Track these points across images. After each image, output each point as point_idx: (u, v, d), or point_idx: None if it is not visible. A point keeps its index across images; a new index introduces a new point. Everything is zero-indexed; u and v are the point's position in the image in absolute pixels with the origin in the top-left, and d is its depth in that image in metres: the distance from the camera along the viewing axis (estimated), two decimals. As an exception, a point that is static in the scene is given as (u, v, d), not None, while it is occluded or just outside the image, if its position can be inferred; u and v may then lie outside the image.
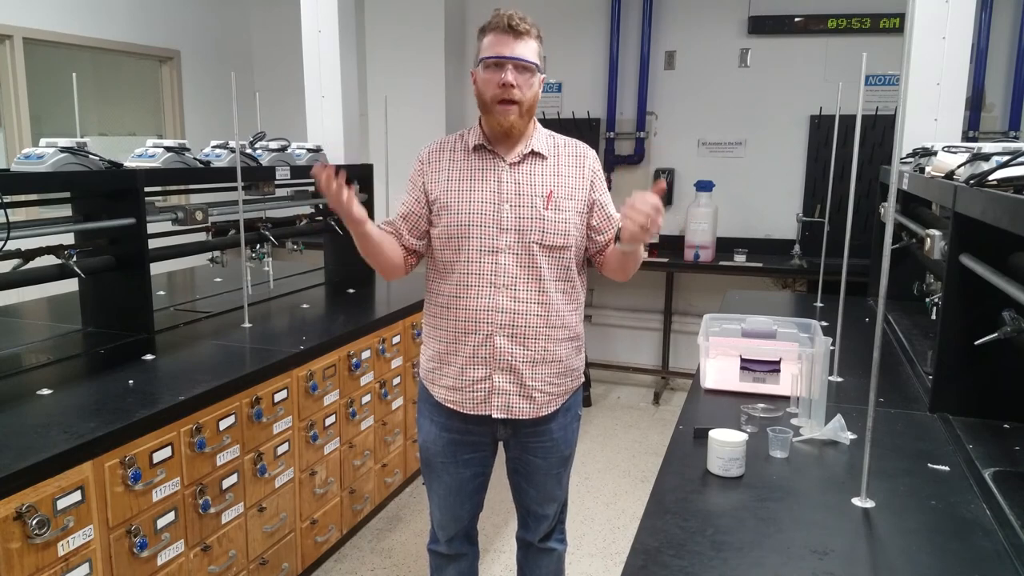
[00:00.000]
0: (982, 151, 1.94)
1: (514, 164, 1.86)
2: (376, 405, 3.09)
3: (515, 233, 1.83)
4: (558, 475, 2.06)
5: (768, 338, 2.23)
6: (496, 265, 1.84)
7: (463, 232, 1.84)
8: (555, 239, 1.85)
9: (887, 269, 1.43)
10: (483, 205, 1.84)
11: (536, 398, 1.91)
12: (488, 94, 1.80)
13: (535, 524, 2.14)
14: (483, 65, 1.80)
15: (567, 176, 1.89)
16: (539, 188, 1.86)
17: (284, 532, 2.56)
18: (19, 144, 4.26)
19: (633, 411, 4.82)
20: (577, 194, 1.89)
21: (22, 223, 2.30)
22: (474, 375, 1.88)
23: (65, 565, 1.70)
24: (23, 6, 4.26)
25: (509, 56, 1.76)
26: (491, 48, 1.78)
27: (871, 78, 4.55)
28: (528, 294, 1.85)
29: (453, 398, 1.92)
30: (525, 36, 1.78)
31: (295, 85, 4.00)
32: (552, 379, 1.92)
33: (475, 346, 1.87)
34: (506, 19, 1.76)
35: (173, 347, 2.57)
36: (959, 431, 1.86)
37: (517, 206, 1.84)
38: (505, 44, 1.77)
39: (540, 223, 1.84)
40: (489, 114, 1.82)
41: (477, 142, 1.88)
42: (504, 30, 1.77)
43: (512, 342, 1.86)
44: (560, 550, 2.20)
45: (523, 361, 1.87)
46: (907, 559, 1.31)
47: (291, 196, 3.62)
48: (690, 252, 4.72)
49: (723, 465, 1.60)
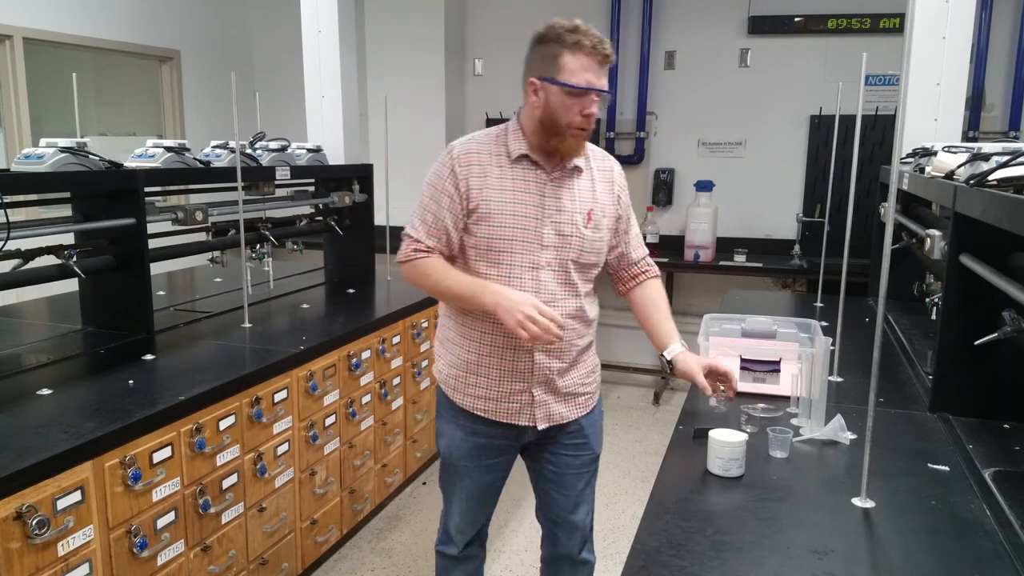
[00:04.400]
0: (982, 151, 1.94)
1: (555, 178, 1.80)
2: (376, 405, 3.09)
3: (554, 251, 1.79)
4: (588, 476, 2.03)
5: (768, 338, 2.23)
6: (537, 282, 1.79)
7: (504, 247, 1.77)
8: (591, 257, 1.85)
9: (887, 269, 1.43)
10: (525, 220, 1.77)
11: (574, 401, 1.92)
12: (566, 119, 1.70)
13: (567, 535, 2.06)
14: (568, 91, 1.68)
15: (601, 192, 1.86)
16: (579, 204, 1.82)
17: (284, 532, 2.56)
18: (19, 144, 4.26)
19: (633, 411, 4.82)
20: (609, 210, 1.87)
21: (22, 223, 2.30)
22: (511, 388, 1.85)
23: (65, 565, 1.70)
24: (23, 6, 4.26)
25: (602, 89, 1.69)
26: (583, 75, 1.67)
27: (871, 78, 4.55)
28: (567, 309, 1.82)
29: (486, 407, 1.88)
30: (609, 64, 1.71)
31: (295, 85, 4.00)
32: (583, 380, 1.94)
33: (514, 360, 1.83)
34: (603, 48, 1.67)
35: (173, 347, 2.57)
36: (959, 431, 1.86)
37: (558, 223, 1.79)
38: (596, 74, 1.68)
39: (579, 241, 1.81)
40: (559, 137, 1.73)
41: (521, 151, 1.78)
42: (599, 60, 1.68)
43: (551, 357, 1.84)
44: (593, 562, 2.13)
45: (558, 373, 1.87)
46: (907, 559, 1.31)
47: (291, 196, 3.63)
48: (690, 252, 4.72)
49: (723, 465, 1.60)
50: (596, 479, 2.08)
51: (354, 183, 3.78)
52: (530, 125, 1.78)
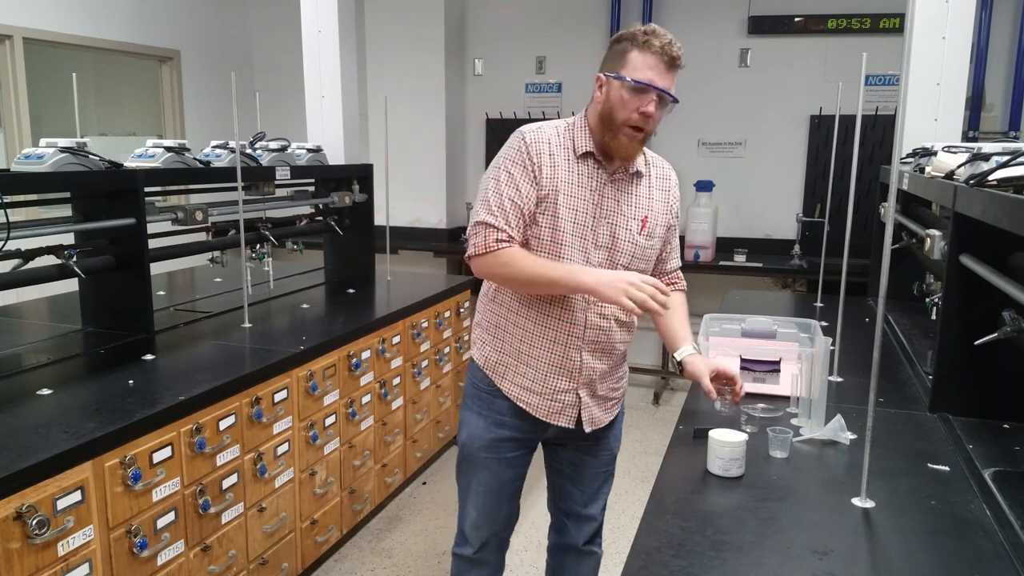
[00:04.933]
0: (982, 151, 1.93)
1: (615, 180, 1.80)
2: (376, 405, 3.09)
3: (607, 252, 1.80)
4: (606, 473, 2.06)
5: (768, 338, 2.23)
6: None
7: (562, 239, 1.76)
8: (640, 264, 1.84)
9: (887, 269, 1.43)
10: (584, 216, 1.77)
11: (607, 405, 1.95)
12: (622, 116, 1.70)
13: (577, 527, 2.09)
14: (630, 86, 1.68)
15: (658, 200, 1.87)
16: (635, 210, 1.82)
17: (284, 532, 2.56)
18: (19, 144, 4.26)
19: (633, 411, 4.81)
20: (662, 219, 1.88)
21: (22, 223, 2.30)
22: (558, 385, 1.85)
23: (65, 565, 1.70)
24: (23, 6, 4.27)
25: (662, 89, 1.69)
26: (644, 71, 1.67)
27: (871, 78, 4.56)
28: (614, 313, 1.83)
29: (529, 400, 1.87)
30: (678, 70, 1.71)
31: (295, 85, 4.00)
32: (615, 384, 1.97)
33: (564, 357, 1.83)
34: (669, 47, 1.68)
35: (173, 347, 2.57)
36: (959, 431, 1.86)
37: (613, 225, 1.79)
38: (659, 73, 1.68)
39: (631, 247, 1.81)
40: (612, 133, 1.73)
41: (586, 148, 1.78)
42: (667, 61, 1.68)
43: (595, 358, 1.86)
44: (600, 554, 2.16)
45: (600, 375, 1.89)
46: (907, 559, 1.31)
47: (291, 196, 3.62)
48: (690, 252, 4.72)
49: (723, 465, 1.60)
50: (613, 477, 2.11)
51: (354, 183, 3.78)
52: (594, 121, 1.78)
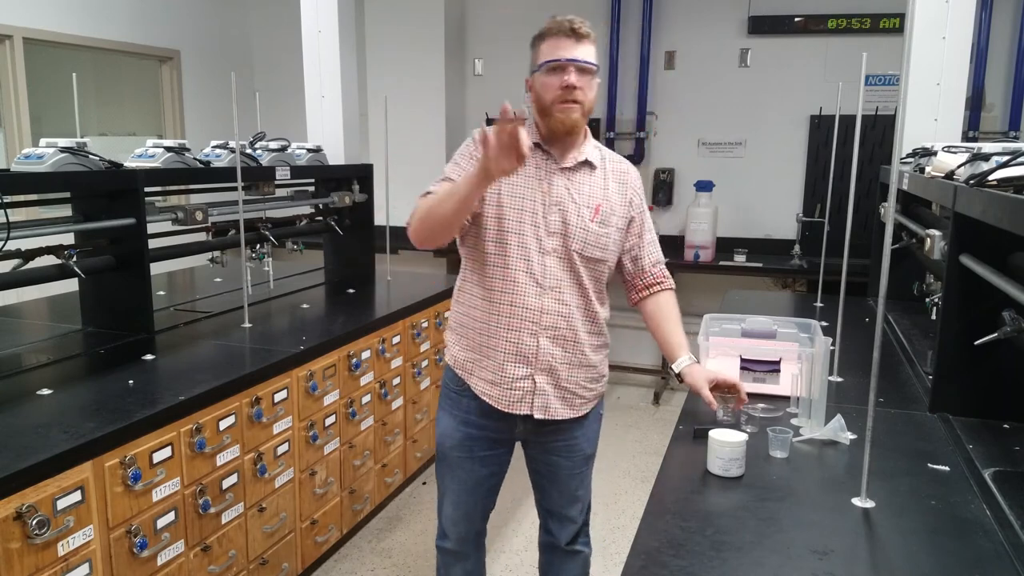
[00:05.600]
0: (982, 151, 1.93)
1: (566, 169, 1.86)
2: (376, 405, 3.09)
3: (560, 238, 1.84)
4: (581, 475, 2.05)
5: (768, 338, 2.23)
6: (544, 267, 1.84)
7: (513, 227, 1.83)
8: (595, 251, 1.88)
9: (887, 269, 1.43)
10: (534, 204, 1.83)
11: (572, 401, 1.94)
12: (549, 97, 1.79)
13: (559, 527, 2.11)
14: (545, 69, 1.78)
15: (613, 192, 1.91)
16: (588, 199, 1.87)
17: (284, 532, 2.56)
18: (19, 144, 4.26)
19: (633, 411, 4.82)
20: (619, 210, 1.91)
21: (22, 223, 2.30)
22: (515, 372, 1.88)
23: (65, 565, 1.70)
24: (23, 6, 4.26)
25: (572, 59, 1.76)
26: (552, 52, 1.77)
27: (871, 78, 4.55)
28: (572, 298, 1.87)
29: (491, 392, 1.90)
30: (585, 40, 1.78)
31: (295, 85, 4.00)
32: (587, 383, 1.96)
33: (518, 343, 1.86)
34: (568, 23, 1.76)
35: (173, 347, 2.57)
36: (959, 431, 1.86)
37: (563, 211, 1.84)
38: (567, 48, 1.76)
39: (584, 234, 1.85)
40: (550, 116, 1.80)
41: (534, 140, 1.84)
42: (566, 34, 1.76)
43: (554, 344, 1.87)
44: (587, 553, 2.17)
45: (562, 363, 1.89)
46: (907, 559, 1.31)
47: (291, 196, 3.62)
48: (690, 252, 4.72)
49: (723, 465, 1.60)
50: (591, 476, 2.10)
51: (354, 183, 3.78)
52: (537, 118, 1.86)
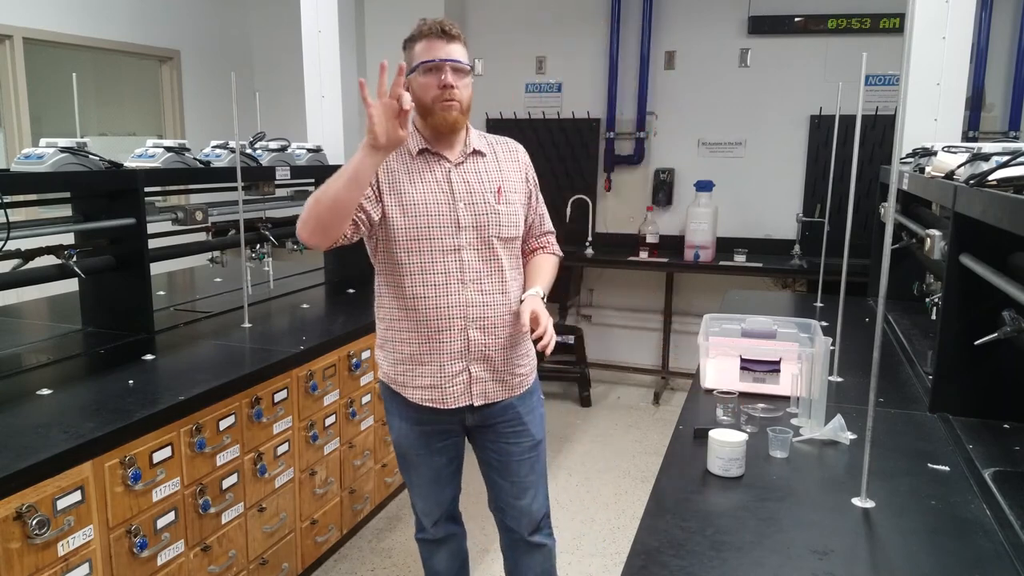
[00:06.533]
0: (982, 151, 1.93)
1: (459, 164, 1.93)
2: (376, 405, 3.09)
3: (473, 230, 1.90)
4: (531, 460, 2.08)
5: (768, 338, 2.23)
6: (460, 262, 1.90)
7: (424, 234, 1.88)
8: (510, 230, 1.95)
9: (887, 269, 1.43)
10: (439, 206, 1.89)
11: (509, 381, 2.01)
12: (428, 96, 1.85)
13: (515, 521, 2.13)
14: (420, 71, 1.84)
15: (508, 171, 1.99)
16: (488, 184, 1.94)
17: (284, 532, 2.56)
18: (19, 144, 4.26)
19: (633, 411, 4.82)
20: (519, 187, 2.00)
21: (22, 223, 2.30)
22: (452, 370, 1.94)
23: (65, 565, 1.70)
24: (23, 6, 4.27)
25: (445, 59, 1.83)
26: (426, 53, 1.84)
27: (871, 78, 4.55)
28: (492, 285, 1.94)
29: (432, 396, 1.96)
30: (456, 40, 1.86)
31: (295, 85, 4.00)
32: (519, 361, 2.03)
33: (450, 342, 1.92)
34: (438, 26, 1.85)
35: (173, 347, 2.57)
36: (959, 431, 1.86)
37: (471, 203, 1.91)
38: (439, 48, 1.84)
39: (496, 217, 1.92)
40: (431, 115, 1.87)
41: (420, 146, 1.91)
42: (437, 35, 1.84)
43: (484, 333, 1.94)
44: (550, 545, 2.19)
45: (495, 349, 1.96)
46: (907, 559, 1.31)
47: (291, 196, 3.62)
48: (690, 252, 4.72)
49: (723, 465, 1.60)
50: (542, 465, 2.13)
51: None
52: (419, 121, 1.93)
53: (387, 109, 1.64)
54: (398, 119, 1.65)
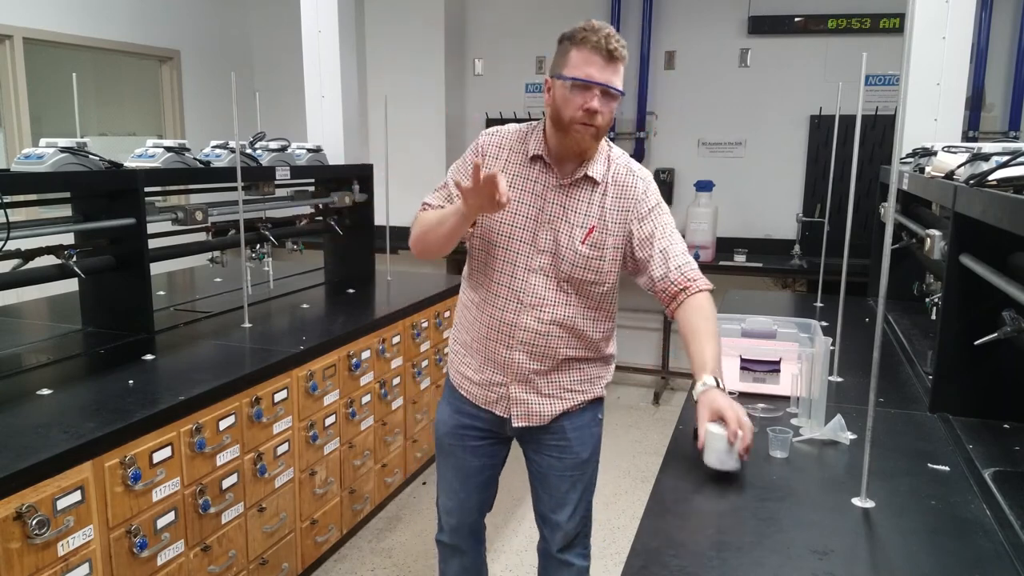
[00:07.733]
0: (982, 151, 1.93)
1: (564, 185, 1.79)
2: (376, 405, 3.09)
3: (549, 256, 1.80)
4: (572, 478, 1.98)
5: (768, 338, 2.23)
6: (526, 284, 1.81)
7: (502, 242, 1.81)
8: (586, 274, 1.81)
9: (887, 269, 1.43)
10: (525, 220, 1.79)
11: (555, 403, 1.91)
12: (568, 114, 1.69)
13: (550, 532, 2.05)
14: (568, 84, 1.68)
15: (612, 209, 1.80)
16: (582, 218, 1.79)
17: (284, 532, 2.56)
18: (19, 144, 4.26)
19: (633, 411, 4.82)
20: (617, 229, 1.81)
21: (22, 223, 2.30)
22: (493, 377, 1.90)
23: (65, 565, 1.70)
24: (23, 6, 4.26)
25: (602, 83, 1.66)
26: (582, 68, 1.66)
27: (871, 78, 4.55)
28: (554, 317, 1.82)
29: (469, 388, 1.95)
30: (619, 62, 1.68)
31: (295, 85, 4.00)
32: (570, 384, 1.92)
33: (494, 353, 1.88)
34: (605, 41, 1.65)
35: (173, 347, 2.57)
36: (959, 431, 1.86)
37: (556, 231, 1.79)
38: (598, 68, 1.66)
39: (573, 256, 1.79)
40: (563, 132, 1.72)
41: (537, 152, 1.79)
42: (601, 52, 1.65)
43: (531, 359, 1.86)
44: (580, 566, 2.06)
45: (539, 375, 1.88)
46: (907, 559, 1.31)
47: (291, 196, 3.62)
48: (690, 252, 4.71)
49: (719, 457, 1.58)
50: (586, 484, 2.01)
51: (354, 183, 3.77)
52: (549, 126, 1.79)
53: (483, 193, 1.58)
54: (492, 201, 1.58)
